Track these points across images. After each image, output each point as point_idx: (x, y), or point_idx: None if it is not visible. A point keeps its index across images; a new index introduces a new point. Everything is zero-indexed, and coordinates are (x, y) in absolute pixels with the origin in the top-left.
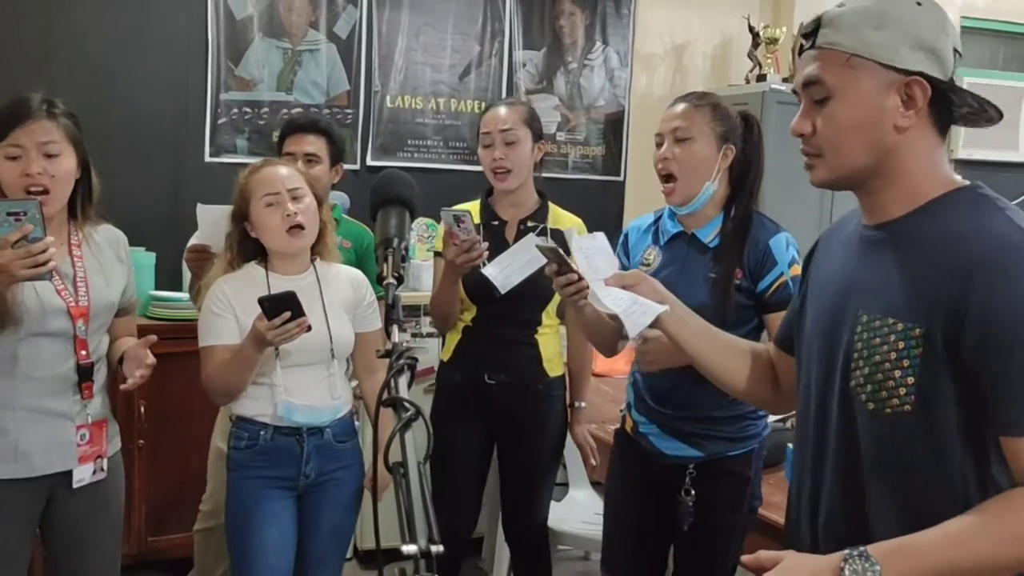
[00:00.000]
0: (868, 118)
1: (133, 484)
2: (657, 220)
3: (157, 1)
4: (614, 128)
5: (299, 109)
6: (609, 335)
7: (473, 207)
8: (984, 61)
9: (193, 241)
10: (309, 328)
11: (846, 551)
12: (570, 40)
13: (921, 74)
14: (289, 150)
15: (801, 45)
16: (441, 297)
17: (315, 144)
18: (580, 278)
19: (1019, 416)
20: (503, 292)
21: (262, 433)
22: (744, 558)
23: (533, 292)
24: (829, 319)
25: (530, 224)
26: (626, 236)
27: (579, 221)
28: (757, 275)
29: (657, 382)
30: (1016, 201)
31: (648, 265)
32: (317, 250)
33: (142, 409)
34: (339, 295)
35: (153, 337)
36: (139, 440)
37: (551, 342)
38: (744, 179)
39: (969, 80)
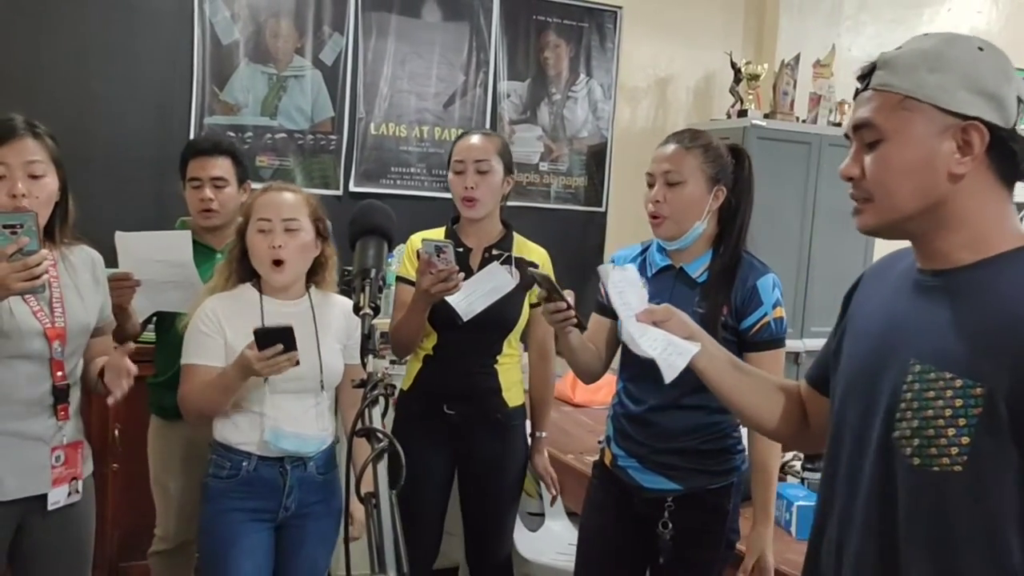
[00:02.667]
0: (921, 162)
1: (106, 509)
2: (644, 251)
3: (144, 25)
4: (597, 159)
5: (283, 135)
6: (592, 362)
7: (438, 234)
8: None
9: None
10: (297, 363)
11: None
12: (554, 72)
13: (979, 119)
14: (195, 175)
15: (856, 88)
16: (408, 324)
17: (222, 167)
18: (569, 307)
19: None
20: (465, 319)
21: (244, 464)
22: None
23: (495, 320)
24: (873, 361)
25: (495, 252)
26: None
27: (544, 252)
28: (742, 313)
29: (640, 409)
30: None
31: None
32: (315, 280)
33: (116, 433)
34: (332, 325)
35: (131, 346)
36: (113, 464)
37: (511, 371)
38: (734, 217)
39: None
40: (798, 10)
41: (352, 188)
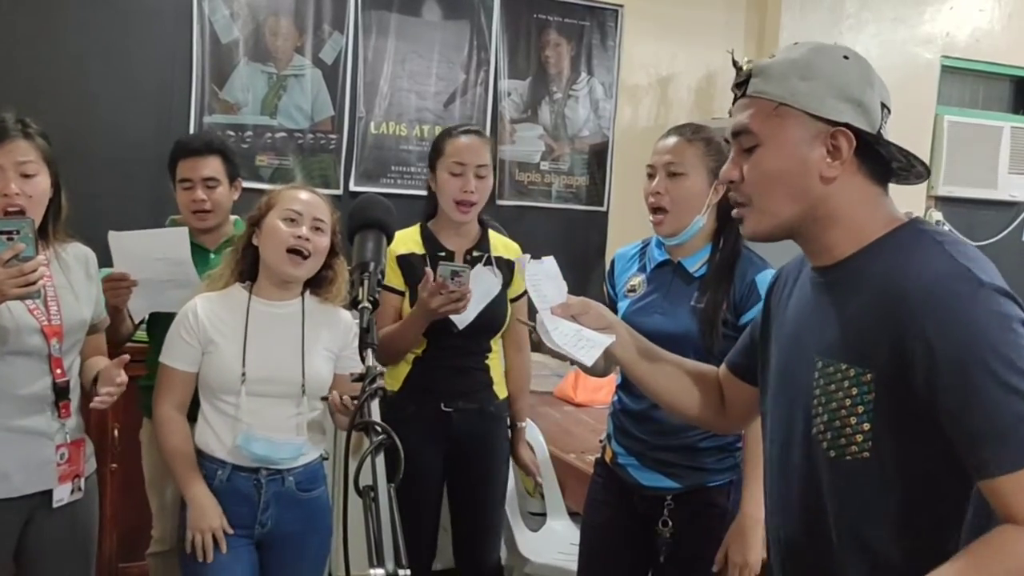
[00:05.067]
0: (794, 167)
1: (105, 508)
2: (644, 247)
3: (143, 23)
4: (598, 159)
5: (283, 134)
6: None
7: (411, 234)
8: (964, 100)
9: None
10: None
11: None
12: (555, 70)
13: (847, 125)
14: (186, 176)
15: (735, 94)
16: (404, 338)
17: (212, 166)
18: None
19: (988, 455)
20: (461, 327)
21: (219, 472)
22: None
23: (487, 322)
24: (788, 362)
25: (475, 254)
26: (612, 264)
27: (516, 247)
28: (741, 309)
29: (638, 405)
30: (995, 238)
31: (634, 291)
32: (318, 292)
33: (115, 433)
34: (325, 333)
35: (126, 357)
36: (112, 464)
37: (498, 365)
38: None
39: (950, 118)
40: (799, 8)
41: (352, 187)
